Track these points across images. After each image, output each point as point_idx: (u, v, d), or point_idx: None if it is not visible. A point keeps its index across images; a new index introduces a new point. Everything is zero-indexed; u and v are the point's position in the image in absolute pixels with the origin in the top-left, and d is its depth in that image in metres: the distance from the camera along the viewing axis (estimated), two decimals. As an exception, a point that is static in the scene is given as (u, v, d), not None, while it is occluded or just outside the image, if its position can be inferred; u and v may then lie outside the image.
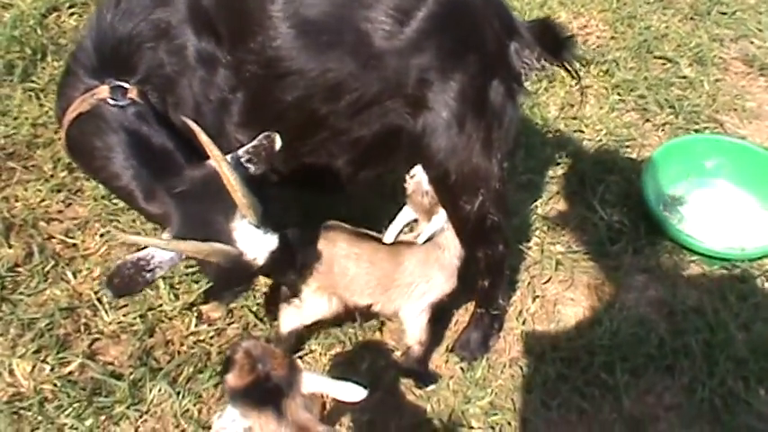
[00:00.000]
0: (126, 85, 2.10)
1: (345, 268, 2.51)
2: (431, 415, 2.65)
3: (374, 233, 2.59)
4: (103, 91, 2.08)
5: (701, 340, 2.84)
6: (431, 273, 2.54)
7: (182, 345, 2.76)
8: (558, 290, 3.05)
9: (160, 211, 2.02)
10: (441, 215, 2.49)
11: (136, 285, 1.90)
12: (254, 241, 2.02)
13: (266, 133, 2.10)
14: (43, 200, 3.22)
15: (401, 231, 2.57)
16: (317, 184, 2.57)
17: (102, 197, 3.21)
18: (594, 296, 3.03)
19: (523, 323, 2.91)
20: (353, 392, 1.93)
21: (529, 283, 3.04)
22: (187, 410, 2.58)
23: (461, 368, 2.78)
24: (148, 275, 1.89)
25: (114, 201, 3.21)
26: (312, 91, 2.23)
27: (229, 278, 2.11)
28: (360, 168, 2.47)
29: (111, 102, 2.06)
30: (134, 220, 3.12)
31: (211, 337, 2.77)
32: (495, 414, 2.65)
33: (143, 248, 1.97)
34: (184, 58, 2.21)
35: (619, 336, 2.86)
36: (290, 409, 1.86)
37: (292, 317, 2.58)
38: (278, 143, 2.07)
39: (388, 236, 2.55)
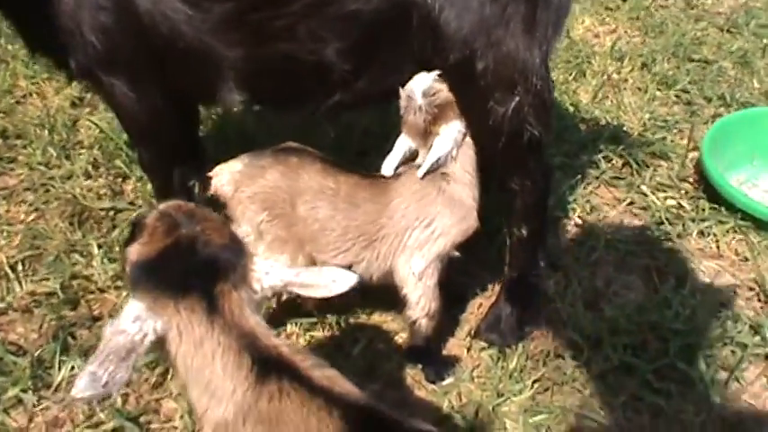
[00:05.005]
0: None
1: (314, 210, 1.82)
2: (449, 412, 1.91)
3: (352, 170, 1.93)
4: None
5: (809, 325, 2.13)
6: (432, 211, 1.85)
7: (111, 320, 2.04)
8: (610, 271, 2.37)
9: None
10: (445, 135, 1.82)
11: None
12: None
13: None
14: (-33, 170, 2.61)
15: (401, 165, 1.91)
16: (300, 95, 1.92)
17: (39, 164, 2.59)
18: (656, 279, 2.34)
19: (571, 305, 2.21)
20: (339, 280, 1.24)
21: (573, 265, 2.36)
22: (107, 397, 1.84)
23: (490, 356, 2.05)
24: None
25: (51, 166, 2.60)
26: None
27: None
28: (360, 67, 1.82)
29: None
30: (69, 188, 2.50)
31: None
32: (539, 413, 1.91)
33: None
34: None
35: (695, 320, 2.16)
36: (229, 303, 1.16)
37: None
38: None
39: (386, 166, 1.89)
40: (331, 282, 1.24)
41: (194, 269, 1.16)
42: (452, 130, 1.81)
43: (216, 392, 1.14)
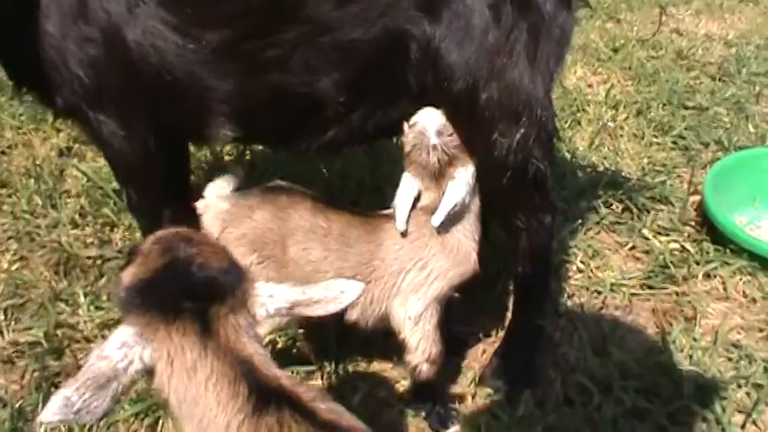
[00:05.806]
0: None
1: (306, 251, 1.73)
2: (455, 462, 1.80)
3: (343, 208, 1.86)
4: None
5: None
6: (426, 254, 1.76)
7: (99, 370, 1.94)
8: (616, 316, 2.29)
9: None
10: (461, 179, 1.73)
11: None
12: None
13: None
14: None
15: (412, 209, 1.78)
16: (293, 130, 1.86)
17: (24, 212, 2.53)
18: (664, 323, 2.26)
19: (578, 349, 2.12)
20: (348, 290, 1.16)
21: (578, 310, 2.29)
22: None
23: (496, 403, 1.96)
24: None
25: (36, 215, 2.53)
26: None
27: None
28: (356, 100, 1.76)
29: None
30: (55, 236, 2.42)
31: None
32: (550, 462, 1.80)
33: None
34: None
35: (708, 362, 2.07)
36: (225, 327, 1.08)
37: None
38: None
39: (400, 220, 1.74)
40: (340, 293, 1.16)
41: (188, 291, 1.08)
42: (468, 174, 1.72)
43: (209, 428, 1.04)
